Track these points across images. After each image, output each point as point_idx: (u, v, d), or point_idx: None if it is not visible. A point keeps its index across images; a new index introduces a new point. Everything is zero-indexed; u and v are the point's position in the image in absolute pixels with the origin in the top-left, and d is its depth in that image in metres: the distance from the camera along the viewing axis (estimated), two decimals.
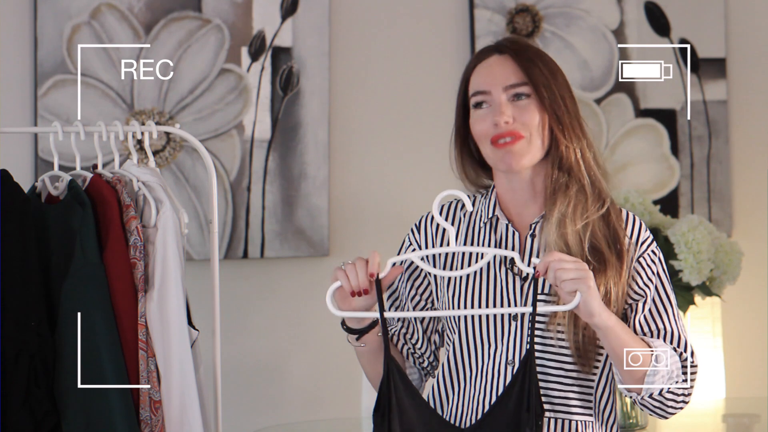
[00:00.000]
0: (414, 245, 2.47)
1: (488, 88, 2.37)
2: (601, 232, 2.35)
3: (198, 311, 2.67)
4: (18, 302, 2.40)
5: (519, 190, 2.40)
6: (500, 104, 2.35)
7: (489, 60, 2.40)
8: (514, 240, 2.39)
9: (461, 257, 2.42)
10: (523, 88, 2.35)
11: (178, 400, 2.49)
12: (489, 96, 2.36)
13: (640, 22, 4.11)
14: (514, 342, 2.34)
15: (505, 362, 2.34)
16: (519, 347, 2.34)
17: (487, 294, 2.37)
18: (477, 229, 2.43)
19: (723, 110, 4.19)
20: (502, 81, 2.36)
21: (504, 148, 2.34)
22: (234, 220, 3.75)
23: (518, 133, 2.33)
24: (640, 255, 2.38)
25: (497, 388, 2.34)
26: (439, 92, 4.00)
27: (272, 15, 3.80)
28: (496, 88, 2.36)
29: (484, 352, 2.36)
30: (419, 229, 2.48)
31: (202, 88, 3.73)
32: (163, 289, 2.49)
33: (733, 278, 3.56)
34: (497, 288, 2.37)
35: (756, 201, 4.17)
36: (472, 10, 4.00)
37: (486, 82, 2.37)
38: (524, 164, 2.35)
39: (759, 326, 4.16)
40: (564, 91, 2.37)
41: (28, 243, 2.44)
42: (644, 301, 2.36)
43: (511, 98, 2.35)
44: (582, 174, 2.36)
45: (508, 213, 2.41)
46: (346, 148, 3.90)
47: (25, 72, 3.59)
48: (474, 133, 2.39)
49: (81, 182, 2.56)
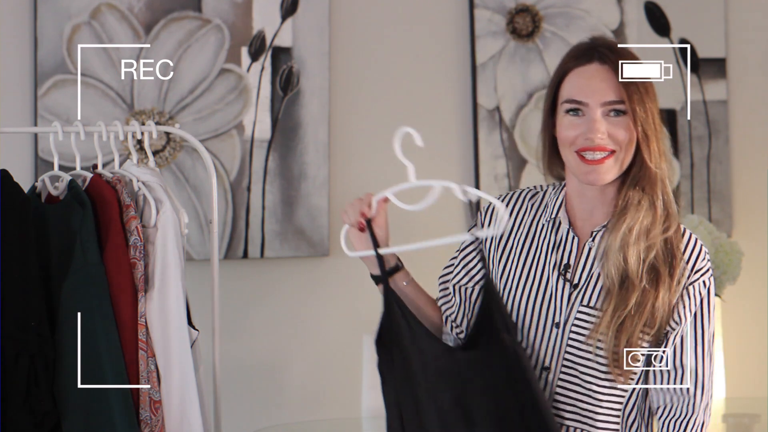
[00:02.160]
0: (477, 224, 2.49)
1: (586, 100, 2.33)
2: (661, 250, 2.33)
3: (198, 311, 2.67)
4: (18, 302, 2.40)
5: (589, 197, 2.39)
6: (595, 120, 2.31)
7: (589, 68, 2.34)
8: (572, 245, 2.38)
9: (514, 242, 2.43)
10: (621, 105, 2.32)
11: (178, 400, 2.49)
12: (585, 107, 2.33)
13: (640, 22, 4.12)
14: (553, 348, 2.35)
15: (542, 367, 2.35)
16: (558, 354, 2.34)
17: (536, 295, 2.37)
18: (540, 225, 2.43)
19: (723, 110, 4.19)
20: (600, 96, 2.32)
21: (591, 165, 2.32)
22: (234, 220, 3.75)
23: (608, 148, 2.31)
24: (691, 282, 2.35)
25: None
26: (439, 92, 4.00)
27: (272, 15, 3.80)
28: (594, 101, 2.32)
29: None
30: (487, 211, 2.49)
31: (202, 88, 3.73)
32: (163, 289, 2.49)
33: (733, 278, 3.56)
34: (547, 291, 2.37)
35: (756, 201, 4.17)
36: (472, 10, 4.00)
37: (584, 94, 2.33)
38: (607, 180, 2.34)
39: (759, 326, 4.16)
40: (654, 107, 2.35)
41: (28, 243, 2.44)
42: (677, 333, 2.34)
43: (607, 113, 2.32)
44: (656, 194, 2.35)
45: (573, 216, 2.41)
46: (346, 148, 3.90)
47: (25, 72, 3.59)
48: (560, 136, 2.36)
49: (81, 182, 2.56)
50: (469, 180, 4.02)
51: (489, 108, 4.02)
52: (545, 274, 2.38)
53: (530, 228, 2.44)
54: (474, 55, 4.01)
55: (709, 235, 3.53)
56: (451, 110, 4.03)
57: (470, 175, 4.01)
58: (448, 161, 4.01)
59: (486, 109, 4.01)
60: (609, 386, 2.34)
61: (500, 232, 2.41)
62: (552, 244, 2.40)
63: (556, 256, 2.38)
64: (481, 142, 4.00)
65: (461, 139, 4.03)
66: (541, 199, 2.46)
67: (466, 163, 4.02)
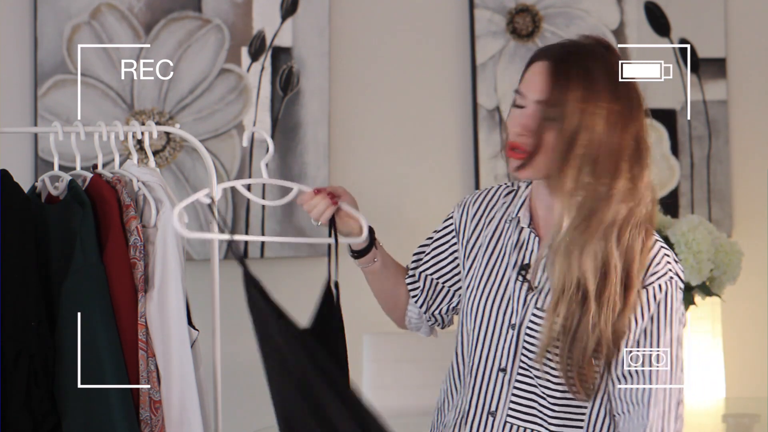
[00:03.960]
0: (455, 222, 2.46)
1: (524, 92, 2.25)
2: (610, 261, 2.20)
3: (198, 311, 2.67)
4: (18, 302, 2.40)
5: (543, 195, 2.32)
6: (521, 114, 2.23)
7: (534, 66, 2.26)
8: (533, 245, 2.33)
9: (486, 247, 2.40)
10: (549, 111, 2.20)
11: (178, 400, 2.49)
12: (523, 99, 2.25)
13: (640, 22, 4.12)
14: (509, 349, 2.31)
15: (498, 369, 2.33)
16: (513, 355, 2.31)
17: (495, 295, 2.35)
18: (505, 223, 2.39)
19: (723, 110, 4.19)
20: (534, 94, 2.22)
21: (510, 157, 2.25)
22: (234, 220, 3.76)
23: (522, 147, 2.22)
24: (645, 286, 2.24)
25: (487, 393, 2.33)
26: (439, 92, 4.00)
27: (272, 15, 3.80)
28: (529, 96, 2.24)
29: (482, 355, 2.34)
30: (462, 207, 2.46)
31: (202, 88, 3.73)
32: (163, 289, 2.48)
33: (733, 278, 3.56)
34: (506, 291, 2.33)
35: (756, 201, 4.18)
36: (472, 10, 4.00)
37: (523, 86, 2.25)
38: (524, 177, 2.26)
39: (759, 326, 4.16)
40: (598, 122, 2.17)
41: (27, 243, 2.44)
42: (631, 336, 2.23)
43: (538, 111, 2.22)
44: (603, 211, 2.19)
45: (535, 214, 2.34)
46: (346, 148, 3.90)
47: (25, 72, 3.59)
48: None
49: (81, 182, 2.56)
50: (469, 180, 4.02)
51: (489, 108, 4.02)
52: (507, 274, 2.34)
53: (498, 225, 2.39)
54: (474, 55, 4.01)
55: (709, 235, 3.53)
56: (451, 110, 4.03)
57: (470, 175, 4.01)
58: (448, 161, 4.01)
59: (486, 109, 4.01)
60: (564, 391, 2.27)
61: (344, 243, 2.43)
62: (514, 242, 2.35)
63: (517, 256, 2.34)
64: (481, 142, 4.00)
65: (461, 139, 4.03)
66: (514, 196, 2.40)
67: (466, 163, 4.02)
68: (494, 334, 2.33)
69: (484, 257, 2.38)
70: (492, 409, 2.32)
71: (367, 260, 2.47)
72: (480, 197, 2.45)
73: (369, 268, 2.47)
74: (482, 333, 2.35)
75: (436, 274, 2.48)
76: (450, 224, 2.47)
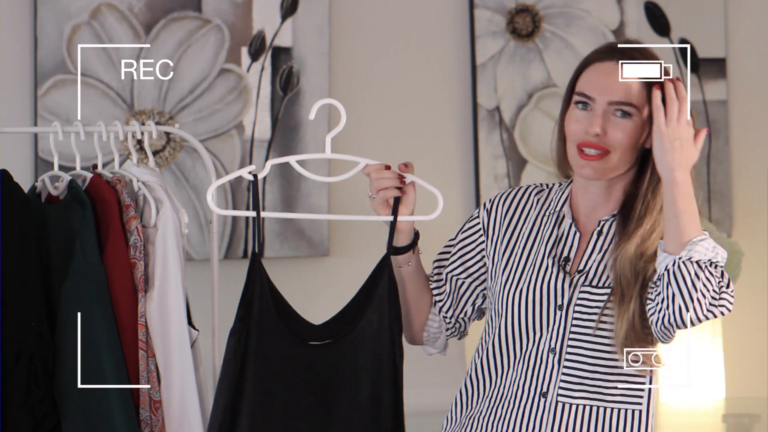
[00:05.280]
0: (482, 221, 2.51)
1: (593, 95, 2.33)
2: None
3: (198, 311, 2.67)
4: (18, 302, 2.40)
5: (593, 194, 2.41)
6: (596, 116, 2.33)
7: (607, 65, 2.34)
8: (574, 240, 2.41)
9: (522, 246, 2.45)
10: (627, 107, 2.32)
11: (178, 400, 2.49)
12: (592, 102, 2.33)
13: (640, 22, 4.12)
14: (558, 330, 2.37)
15: (548, 350, 2.37)
16: (562, 336, 2.37)
17: (536, 281, 2.40)
18: (543, 220, 2.46)
19: (723, 110, 4.19)
20: (608, 94, 2.33)
21: (585, 160, 2.33)
22: (234, 220, 3.75)
23: (604, 148, 2.32)
24: None
25: (538, 374, 2.37)
26: (439, 92, 4.00)
27: (272, 15, 3.80)
28: (601, 98, 2.32)
29: (529, 339, 2.39)
30: (492, 206, 2.52)
31: (202, 88, 3.73)
32: (163, 289, 2.49)
33: (732, 278, 3.56)
34: (547, 277, 2.40)
35: (756, 201, 4.18)
36: (472, 10, 4.00)
37: (593, 89, 2.33)
38: (597, 178, 2.35)
39: (759, 326, 4.16)
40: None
41: (28, 243, 2.44)
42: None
43: (613, 112, 2.33)
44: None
45: (577, 211, 2.43)
46: (346, 148, 3.90)
47: (25, 72, 3.59)
48: (566, 128, 2.38)
49: (81, 182, 2.56)
50: (469, 180, 4.02)
51: (489, 108, 4.02)
52: (545, 263, 2.41)
53: (535, 222, 2.47)
54: (474, 55, 4.01)
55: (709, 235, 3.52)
56: (451, 110, 4.03)
57: (470, 175, 4.02)
58: (448, 161, 4.01)
59: (486, 109, 4.01)
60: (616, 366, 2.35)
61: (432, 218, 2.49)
62: (554, 238, 2.43)
63: (557, 250, 2.41)
64: (481, 142, 4.00)
65: (461, 139, 4.03)
66: (546, 195, 2.49)
67: (466, 163, 4.02)
68: (542, 317, 2.38)
69: (524, 250, 2.44)
70: (543, 390, 2.37)
71: (404, 259, 2.49)
72: (510, 196, 2.52)
73: (404, 268, 2.49)
74: (528, 317, 2.39)
75: (463, 273, 2.51)
76: (477, 224, 2.52)
